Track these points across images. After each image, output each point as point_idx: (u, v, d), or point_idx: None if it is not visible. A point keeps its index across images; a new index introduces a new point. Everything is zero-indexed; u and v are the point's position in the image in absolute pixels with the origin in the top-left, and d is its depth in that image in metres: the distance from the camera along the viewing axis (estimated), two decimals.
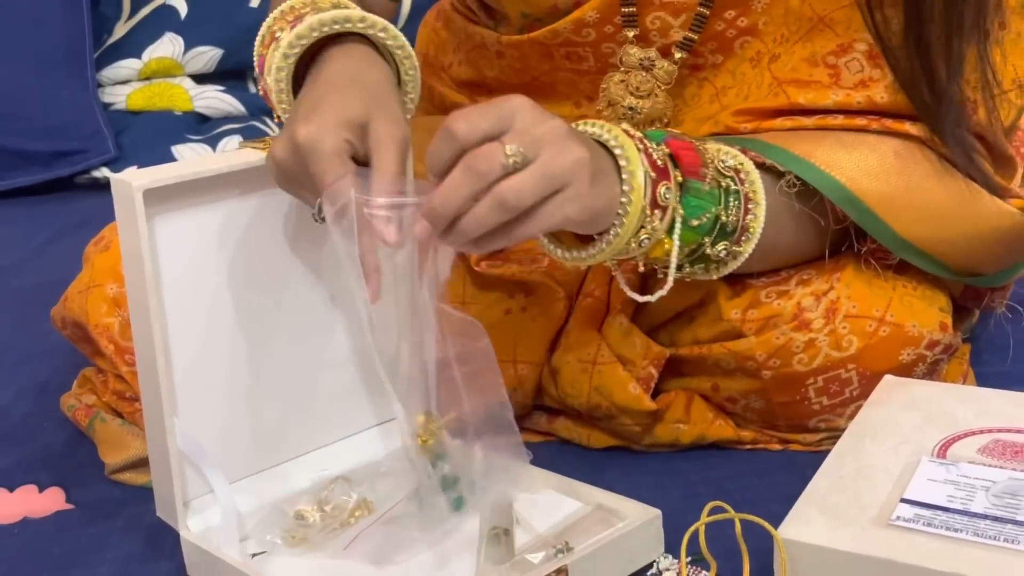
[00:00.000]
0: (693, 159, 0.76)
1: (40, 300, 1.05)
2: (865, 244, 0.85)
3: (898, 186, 0.82)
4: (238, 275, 0.77)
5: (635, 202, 0.71)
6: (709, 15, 0.86)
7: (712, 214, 0.76)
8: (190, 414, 0.75)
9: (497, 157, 0.64)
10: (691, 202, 0.75)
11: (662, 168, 0.73)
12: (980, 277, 0.89)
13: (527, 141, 0.65)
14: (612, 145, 0.72)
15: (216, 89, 1.82)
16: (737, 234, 0.79)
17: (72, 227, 1.45)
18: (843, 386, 0.84)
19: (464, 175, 0.64)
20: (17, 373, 1.07)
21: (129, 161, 1.67)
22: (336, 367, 0.83)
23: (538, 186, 0.65)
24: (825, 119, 0.84)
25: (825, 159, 0.81)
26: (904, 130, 0.83)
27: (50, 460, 0.92)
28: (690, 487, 0.83)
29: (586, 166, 0.67)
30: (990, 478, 0.68)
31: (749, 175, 0.79)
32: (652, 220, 0.73)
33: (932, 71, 0.80)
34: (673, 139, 0.76)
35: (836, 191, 0.81)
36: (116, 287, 0.87)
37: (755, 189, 0.79)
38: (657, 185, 0.72)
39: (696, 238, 0.77)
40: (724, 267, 0.80)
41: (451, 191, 0.65)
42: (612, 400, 0.86)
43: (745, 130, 0.86)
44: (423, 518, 0.75)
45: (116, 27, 1.85)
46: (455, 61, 1.03)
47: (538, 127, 0.66)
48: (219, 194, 0.74)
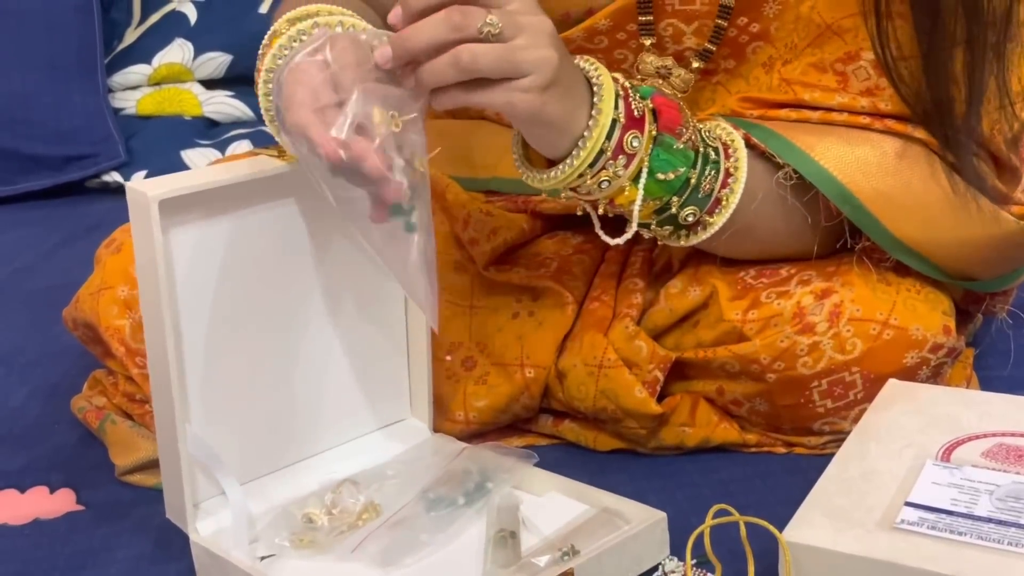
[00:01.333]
0: (673, 117, 0.78)
1: (52, 302, 1.06)
2: (859, 241, 0.85)
3: (894, 185, 0.83)
4: (250, 282, 0.77)
5: (596, 137, 0.74)
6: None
7: (681, 174, 0.78)
8: (201, 418, 0.76)
9: (475, 20, 0.68)
10: (660, 155, 0.77)
11: (638, 119, 0.76)
12: (975, 282, 0.89)
13: (510, 22, 0.69)
14: (591, 77, 0.75)
15: (225, 94, 1.82)
16: (710, 204, 0.80)
17: (83, 230, 1.45)
18: (847, 389, 0.84)
19: (440, 21, 0.68)
20: (29, 375, 1.08)
21: (139, 165, 1.68)
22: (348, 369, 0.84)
23: (498, 62, 0.69)
24: (829, 115, 0.85)
25: (824, 153, 0.82)
26: (907, 132, 0.84)
27: (61, 461, 0.92)
28: (695, 490, 0.83)
29: (551, 67, 0.70)
30: (994, 482, 0.69)
31: (737, 152, 0.81)
32: (616, 165, 0.75)
33: (945, 91, 0.81)
34: (659, 95, 0.79)
35: (831, 186, 0.82)
36: (127, 289, 0.88)
37: (738, 166, 0.81)
38: (626, 131, 0.75)
39: (662, 193, 0.78)
40: (693, 235, 0.82)
41: (422, 30, 0.68)
42: (618, 403, 0.87)
43: (750, 116, 0.86)
44: (430, 521, 0.76)
45: (127, 33, 1.86)
46: None
47: (526, 16, 0.70)
48: (233, 203, 0.75)
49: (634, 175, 0.77)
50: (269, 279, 0.78)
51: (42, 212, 1.63)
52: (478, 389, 0.89)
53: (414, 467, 0.82)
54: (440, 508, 0.77)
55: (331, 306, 0.82)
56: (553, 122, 0.73)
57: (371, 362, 0.85)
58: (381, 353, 0.86)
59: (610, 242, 0.81)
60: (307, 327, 0.81)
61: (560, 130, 0.74)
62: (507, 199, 0.97)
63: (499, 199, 0.97)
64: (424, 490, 0.78)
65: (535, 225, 0.96)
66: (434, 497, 0.78)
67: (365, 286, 0.83)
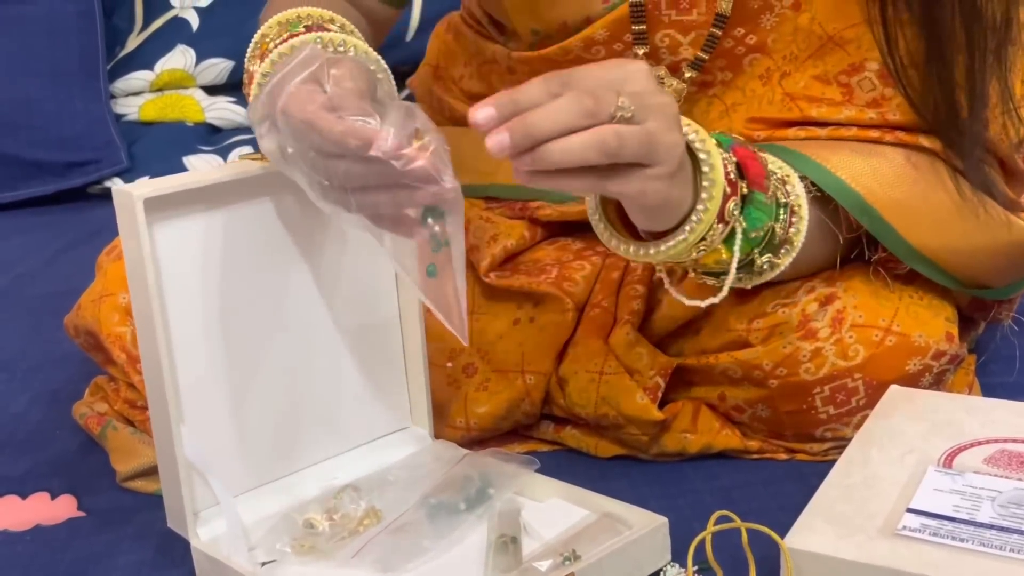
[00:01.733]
0: (758, 170, 0.75)
1: (53, 308, 1.06)
2: (876, 252, 0.85)
3: (910, 195, 0.83)
4: (243, 284, 0.77)
5: (710, 211, 0.71)
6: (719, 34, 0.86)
7: (769, 227, 0.76)
8: (198, 424, 0.76)
9: (610, 102, 0.63)
10: (752, 214, 0.75)
11: (733, 182, 0.73)
12: (987, 289, 0.89)
13: (638, 103, 0.64)
14: (698, 148, 0.71)
15: (227, 100, 1.83)
16: (780, 245, 0.78)
17: (85, 236, 1.46)
18: (849, 395, 0.84)
19: (572, 103, 0.63)
20: (31, 381, 1.08)
21: (141, 171, 1.68)
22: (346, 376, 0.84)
23: (640, 146, 0.65)
24: (838, 130, 0.84)
25: (840, 165, 0.82)
26: (917, 143, 0.84)
27: (62, 468, 0.92)
28: (697, 496, 0.83)
29: (680, 152, 0.67)
30: (996, 488, 0.69)
31: (795, 187, 0.79)
32: (714, 232, 0.73)
33: (952, 96, 0.81)
34: (739, 146, 0.75)
35: (850, 197, 0.81)
36: (128, 296, 0.88)
37: (800, 203, 0.78)
38: (727, 200, 0.72)
39: (750, 248, 0.76)
40: (760, 277, 0.80)
41: (555, 112, 0.62)
42: (620, 410, 0.87)
43: (758, 138, 0.86)
44: (431, 527, 0.76)
45: (129, 39, 1.86)
46: (465, 74, 1.04)
47: (653, 97, 0.65)
48: (219, 203, 0.75)
49: (726, 237, 0.74)
50: (261, 283, 0.78)
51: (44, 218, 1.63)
52: (479, 395, 0.89)
53: (415, 473, 0.82)
54: (441, 514, 0.77)
55: (327, 313, 0.82)
56: (674, 206, 0.70)
57: (370, 368, 0.85)
58: (380, 360, 0.86)
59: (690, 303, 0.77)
60: (303, 334, 0.81)
61: (675, 211, 0.70)
62: (506, 205, 0.97)
63: (498, 205, 0.97)
64: (425, 496, 0.78)
65: (535, 231, 0.96)
66: (435, 503, 0.77)
67: (360, 292, 0.83)
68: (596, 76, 0.65)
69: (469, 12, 1.05)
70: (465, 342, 0.70)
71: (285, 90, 0.67)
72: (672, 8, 0.86)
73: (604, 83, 0.65)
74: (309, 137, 0.66)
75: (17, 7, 1.74)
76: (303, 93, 0.67)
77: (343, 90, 0.67)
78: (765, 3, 0.86)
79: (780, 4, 0.85)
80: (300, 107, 0.66)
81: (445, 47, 1.07)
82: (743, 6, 0.85)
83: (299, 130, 0.66)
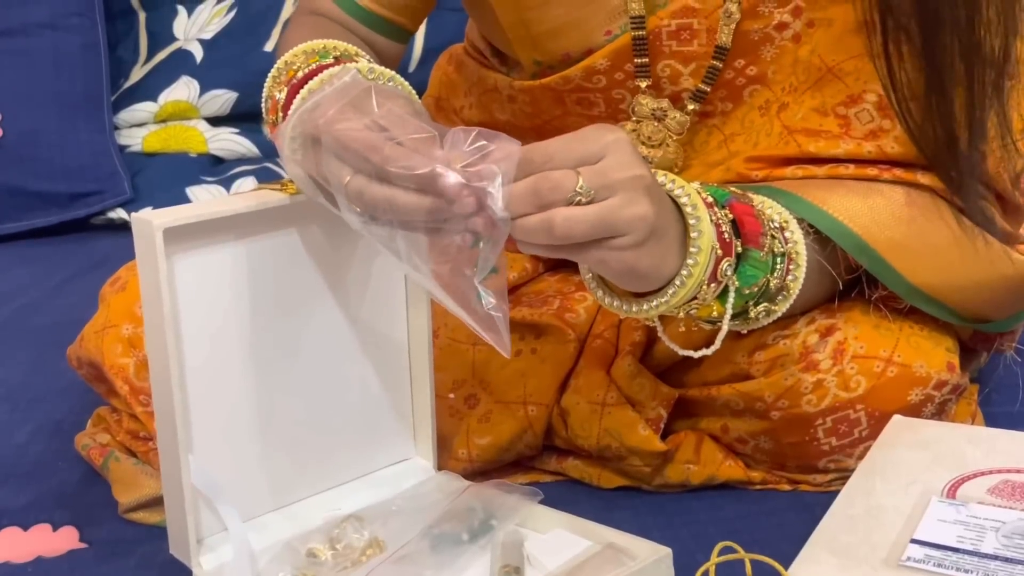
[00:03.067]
0: (755, 226, 0.74)
1: (57, 339, 1.06)
2: (876, 291, 0.85)
3: (909, 234, 0.83)
4: (255, 314, 0.77)
5: (694, 276, 0.70)
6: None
7: (764, 283, 0.75)
8: (205, 451, 0.76)
9: (566, 187, 0.64)
10: (747, 272, 0.74)
11: (727, 242, 0.72)
12: (989, 323, 0.89)
13: (602, 182, 0.65)
14: (688, 213, 0.70)
15: (231, 131, 1.84)
16: (777, 293, 0.77)
17: (88, 267, 1.46)
18: (852, 426, 0.84)
19: (528, 191, 0.64)
20: (33, 411, 1.08)
21: (144, 202, 1.69)
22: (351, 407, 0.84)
23: (591, 228, 0.65)
24: (836, 168, 0.84)
25: (837, 206, 0.82)
26: (915, 180, 0.84)
27: (64, 499, 0.92)
28: (700, 527, 0.83)
29: (647, 225, 0.66)
30: (1000, 519, 0.68)
31: (793, 233, 0.77)
32: (707, 292, 0.72)
33: (950, 129, 0.81)
34: (736, 201, 0.74)
35: (848, 239, 0.81)
36: (131, 328, 0.88)
37: (798, 250, 0.77)
38: (720, 261, 0.71)
39: (744, 302, 0.76)
40: (756, 324, 0.79)
41: (515, 197, 0.64)
42: (622, 441, 0.87)
43: (756, 177, 0.86)
44: (434, 558, 0.76)
45: (133, 71, 1.87)
46: (466, 104, 1.05)
47: (620, 171, 0.65)
48: (237, 233, 0.75)
49: (719, 293, 0.73)
50: (272, 313, 0.78)
51: (48, 249, 1.64)
52: (481, 427, 0.89)
53: (419, 503, 0.82)
54: (444, 545, 0.76)
55: (334, 345, 0.82)
56: (646, 273, 0.69)
57: (375, 400, 0.85)
58: (385, 391, 0.86)
59: (684, 354, 0.77)
60: (310, 364, 0.81)
61: (652, 276, 0.69)
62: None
63: None
64: (429, 527, 0.78)
65: (537, 263, 0.96)
66: (438, 534, 0.77)
67: (368, 323, 0.83)
68: (574, 152, 0.65)
69: (472, 44, 1.06)
70: (507, 353, 0.69)
71: (326, 113, 0.66)
72: (673, 39, 0.87)
73: (580, 159, 0.65)
74: (356, 160, 0.65)
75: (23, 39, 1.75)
76: (350, 115, 0.66)
77: (395, 115, 0.66)
78: (765, 35, 0.86)
79: (780, 36, 0.86)
80: (349, 128, 0.65)
81: (447, 78, 1.08)
82: (743, 38, 0.86)
83: (346, 151, 0.65)
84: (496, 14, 0.92)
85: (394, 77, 0.78)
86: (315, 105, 0.68)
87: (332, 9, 0.93)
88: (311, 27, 0.90)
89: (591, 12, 0.88)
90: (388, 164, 0.63)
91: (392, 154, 0.63)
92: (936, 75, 0.80)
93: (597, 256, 0.66)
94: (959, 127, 0.81)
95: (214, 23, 1.88)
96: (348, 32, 0.92)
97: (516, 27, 0.92)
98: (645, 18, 0.86)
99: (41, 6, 1.75)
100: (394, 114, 0.66)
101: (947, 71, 0.80)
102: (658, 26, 0.87)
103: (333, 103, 0.67)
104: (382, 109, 0.67)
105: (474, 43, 1.05)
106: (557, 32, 0.90)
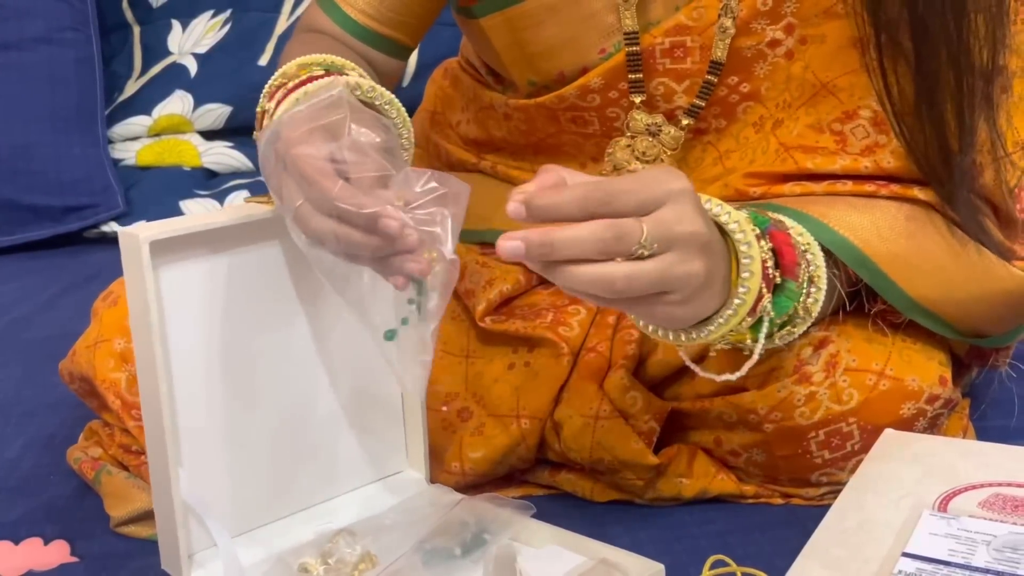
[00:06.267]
0: (792, 256, 0.74)
1: (49, 353, 1.06)
2: (875, 305, 0.85)
3: (909, 248, 0.83)
4: (244, 327, 0.77)
5: (739, 314, 0.70)
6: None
7: (793, 311, 0.75)
8: (195, 466, 0.76)
9: (629, 241, 0.63)
10: (782, 302, 0.73)
11: (770, 277, 0.71)
12: (986, 338, 0.89)
13: (662, 234, 0.63)
14: (742, 251, 0.69)
15: (224, 145, 1.84)
16: (796, 316, 0.77)
17: (81, 281, 1.46)
18: (844, 440, 0.84)
19: (593, 236, 0.62)
20: (25, 425, 1.08)
21: (138, 216, 1.69)
22: (342, 419, 0.84)
23: (648, 285, 0.64)
24: (834, 185, 0.84)
25: (838, 220, 0.82)
26: (913, 195, 0.84)
27: (55, 513, 0.92)
28: (693, 541, 0.83)
29: (697, 282, 0.66)
30: (991, 532, 0.69)
31: (815, 256, 0.77)
32: (745, 323, 0.72)
33: (943, 139, 0.81)
34: (775, 229, 0.74)
35: (849, 252, 0.82)
36: (123, 342, 0.88)
37: (819, 273, 0.77)
38: (761, 299, 0.71)
39: (773, 329, 0.75)
40: (776, 345, 0.78)
41: (572, 241, 0.62)
42: (615, 454, 0.87)
43: (754, 194, 0.86)
44: (427, 572, 0.76)
45: (127, 85, 1.88)
46: (463, 120, 1.05)
47: (680, 225, 0.64)
48: (224, 246, 0.75)
49: (753, 323, 0.73)
50: (262, 325, 0.78)
51: (41, 262, 1.64)
52: (474, 440, 0.89)
53: (411, 518, 0.82)
54: (437, 559, 0.76)
55: (325, 357, 0.82)
56: (687, 320, 0.69)
57: (367, 413, 0.85)
58: (376, 404, 0.86)
59: (720, 379, 0.76)
60: (301, 378, 0.81)
61: (691, 321, 0.69)
62: None
63: (494, 250, 0.98)
64: (421, 541, 0.78)
65: (530, 276, 0.96)
66: (431, 548, 0.77)
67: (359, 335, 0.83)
68: (637, 196, 0.64)
69: (467, 59, 1.06)
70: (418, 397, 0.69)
71: (294, 132, 0.67)
72: (666, 57, 0.87)
73: (641, 204, 0.64)
74: (308, 190, 0.66)
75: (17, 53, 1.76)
76: (316, 140, 0.66)
77: (358, 148, 0.66)
78: (758, 52, 0.87)
79: (773, 53, 0.87)
80: (308, 156, 0.66)
81: (442, 93, 1.08)
82: (736, 54, 0.86)
83: (301, 178, 0.66)
84: (489, 37, 0.92)
85: (374, 87, 0.78)
86: (290, 119, 0.69)
87: (330, 26, 0.94)
88: (309, 43, 0.90)
89: (585, 31, 0.89)
90: (337, 201, 0.64)
91: (341, 193, 0.64)
92: (927, 86, 0.81)
93: (645, 311, 0.66)
94: (951, 137, 0.82)
95: (208, 37, 1.88)
96: (346, 49, 0.92)
97: (510, 48, 0.92)
98: (639, 33, 0.87)
99: (36, 20, 1.75)
100: (358, 146, 0.66)
101: (938, 81, 0.80)
102: (652, 44, 0.87)
103: (305, 122, 0.68)
104: (346, 139, 0.67)
105: (469, 59, 1.06)
106: (551, 52, 0.90)
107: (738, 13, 0.85)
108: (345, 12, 0.93)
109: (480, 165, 1.02)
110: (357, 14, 0.93)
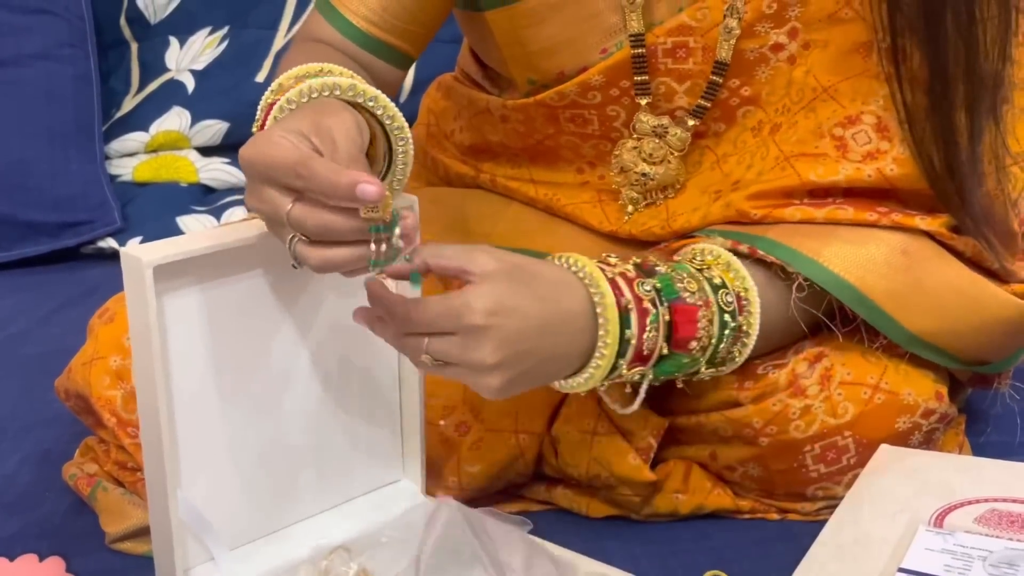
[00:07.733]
0: (689, 331, 0.77)
1: (45, 369, 1.06)
2: (877, 341, 0.85)
3: (905, 283, 0.83)
4: (243, 347, 0.77)
5: (594, 378, 0.74)
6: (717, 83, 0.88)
7: (689, 369, 0.79)
8: (192, 483, 0.76)
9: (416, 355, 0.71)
10: (664, 367, 0.77)
11: (646, 356, 0.75)
12: (987, 365, 0.89)
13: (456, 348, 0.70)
14: (601, 334, 0.73)
15: (222, 161, 1.84)
16: (721, 363, 0.81)
17: (78, 296, 1.46)
18: (840, 454, 0.84)
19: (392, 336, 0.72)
20: (21, 441, 1.07)
21: (135, 232, 1.69)
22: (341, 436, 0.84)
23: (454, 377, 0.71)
24: (835, 212, 0.84)
25: (832, 258, 0.82)
26: (914, 225, 0.84)
27: (51, 529, 0.92)
28: (689, 556, 0.83)
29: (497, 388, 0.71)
30: (987, 548, 0.69)
31: (750, 304, 0.80)
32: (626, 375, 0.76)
33: (951, 146, 0.82)
34: (680, 303, 0.76)
35: (844, 291, 0.82)
36: (119, 360, 0.88)
37: (751, 322, 0.80)
38: (632, 367, 0.75)
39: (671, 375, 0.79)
40: (705, 378, 0.83)
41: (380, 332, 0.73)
42: (611, 470, 0.87)
43: (756, 216, 0.86)
44: None
45: (125, 101, 1.88)
46: (457, 128, 1.05)
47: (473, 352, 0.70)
48: (225, 267, 0.75)
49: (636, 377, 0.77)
50: (262, 344, 0.78)
51: (37, 278, 1.63)
52: (471, 454, 0.89)
53: (407, 533, 0.81)
54: None
55: (324, 369, 0.82)
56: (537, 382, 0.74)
57: (364, 425, 0.85)
58: (374, 416, 0.86)
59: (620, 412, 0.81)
60: (300, 391, 0.81)
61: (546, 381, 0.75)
62: None
63: None
64: (417, 557, 0.78)
65: None
66: (427, 564, 0.77)
67: (358, 348, 0.83)
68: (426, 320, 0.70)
69: (463, 71, 1.06)
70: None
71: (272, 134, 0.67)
72: (668, 57, 0.88)
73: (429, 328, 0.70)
74: (269, 171, 0.66)
75: (14, 70, 1.76)
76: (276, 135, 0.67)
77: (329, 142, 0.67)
78: (761, 55, 0.87)
79: (776, 57, 0.87)
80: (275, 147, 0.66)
81: (436, 105, 1.08)
82: (739, 57, 0.87)
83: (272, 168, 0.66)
84: (492, 32, 0.93)
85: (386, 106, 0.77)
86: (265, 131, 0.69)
87: (331, 35, 0.92)
88: (308, 53, 0.89)
89: (587, 30, 0.89)
90: (311, 171, 0.65)
91: (314, 164, 0.65)
92: (938, 93, 0.81)
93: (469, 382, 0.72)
94: (960, 144, 0.81)
95: (206, 54, 1.89)
96: (346, 58, 0.91)
97: (511, 45, 0.92)
98: (644, 35, 0.87)
99: (33, 37, 1.76)
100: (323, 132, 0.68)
101: (949, 89, 0.80)
102: (654, 43, 0.87)
103: (283, 125, 0.68)
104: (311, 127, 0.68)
105: (464, 70, 1.06)
106: (552, 50, 0.91)
107: (743, 15, 0.85)
108: (348, 19, 0.91)
109: (479, 179, 1.02)
110: (360, 21, 0.91)
